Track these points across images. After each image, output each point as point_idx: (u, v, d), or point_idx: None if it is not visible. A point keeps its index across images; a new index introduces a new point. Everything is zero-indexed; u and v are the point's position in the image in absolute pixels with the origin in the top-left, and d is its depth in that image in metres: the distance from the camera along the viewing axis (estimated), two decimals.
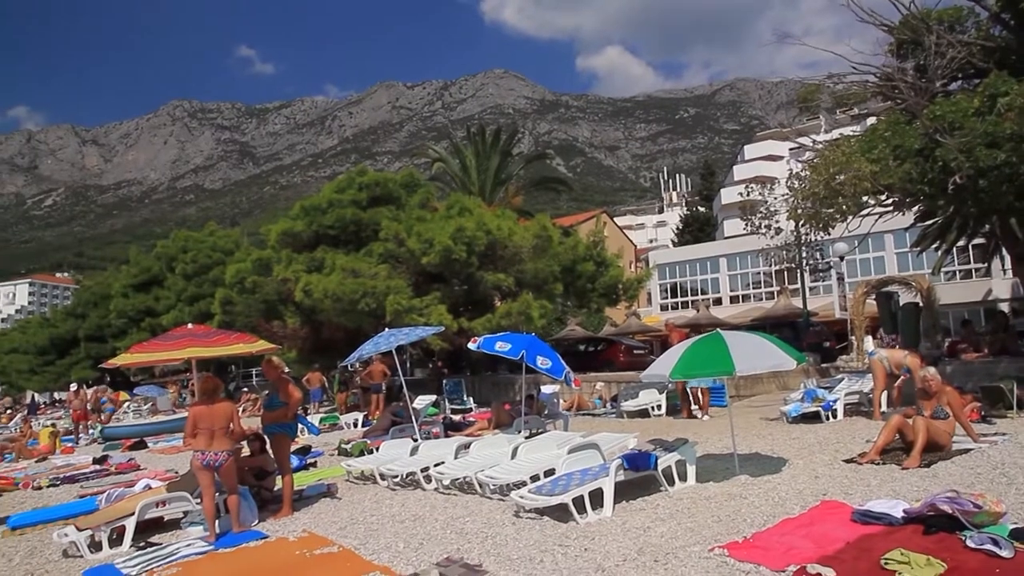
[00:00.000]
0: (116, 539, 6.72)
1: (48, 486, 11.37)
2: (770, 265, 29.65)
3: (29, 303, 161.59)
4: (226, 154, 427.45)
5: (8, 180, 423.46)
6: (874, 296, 18.79)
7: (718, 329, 7.80)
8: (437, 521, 6.65)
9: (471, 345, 11.97)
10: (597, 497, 6.35)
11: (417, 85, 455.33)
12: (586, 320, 31.50)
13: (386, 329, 13.08)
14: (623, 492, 6.72)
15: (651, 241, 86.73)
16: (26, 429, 20.66)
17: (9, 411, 31.08)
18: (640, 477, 6.93)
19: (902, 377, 10.82)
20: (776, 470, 7.56)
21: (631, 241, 62.23)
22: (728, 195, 53.66)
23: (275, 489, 7.98)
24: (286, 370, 10.62)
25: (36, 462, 14.93)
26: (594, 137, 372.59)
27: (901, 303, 18.00)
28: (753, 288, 37.04)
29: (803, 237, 18.66)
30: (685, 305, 37.81)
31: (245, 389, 32.31)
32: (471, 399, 19.89)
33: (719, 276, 37.93)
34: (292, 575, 5.30)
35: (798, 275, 24.93)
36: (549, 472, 7.41)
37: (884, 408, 10.98)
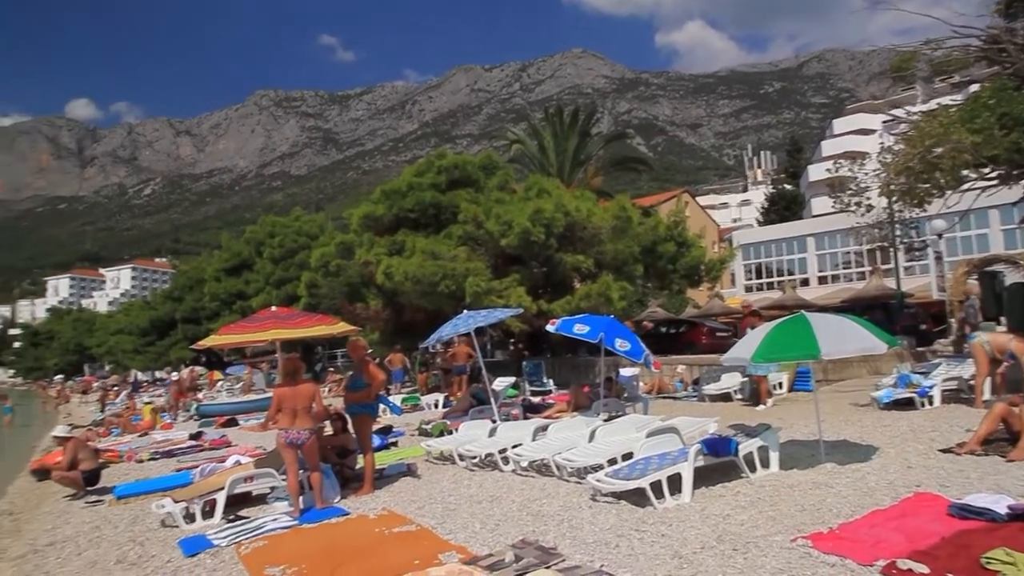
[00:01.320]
0: (208, 511, 7.03)
1: (148, 459, 12.04)
2: (861, 244, 28.39)
3: (132, 287, 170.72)
4: (310, 141, 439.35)
5: (112, 171, 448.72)
6: (976, 276, 17.75)
7: (802, 311, 7.49)
8: (514, 503, 6.67)
9: (549, 327, 11.92)
10: (675, 482, 6.23)
11: (495, 67, 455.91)
12: (667, 302, 31.02)
13: (464, 311, 13.19)
14: (702, 478, 6.57)
15: (735, 221, 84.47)
16: (131, 405, 21.88)
17: (115, 388, 32.98)
18: (720, 463, 6.76)
19: (1006, 363, 10.18)
20: (865, 458, 7.24)
21: (714, 221, 60.78)
22: (816, 172, 51.64)
23: (357, 468, 8.19)
24: (369, 351, 10.84)
25: (139, 437, 15.83)
26: (675, 115, 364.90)
27: (1007, 283, 16.93)
28: (843, 268, 35.63)
29: (896, 214, 17.76)
30: (770, 286, 36.73)
31: (331, 369, 33.30)
32: (551, 381, 19.88)
33: (807, 256, 36.63)
34: (370, 552, 5.40)
35: (891, 254, 23.79)
36: (627, 456, 7.32)
37: (987, 396, 10.36)
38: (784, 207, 56.61)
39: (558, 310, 18.52)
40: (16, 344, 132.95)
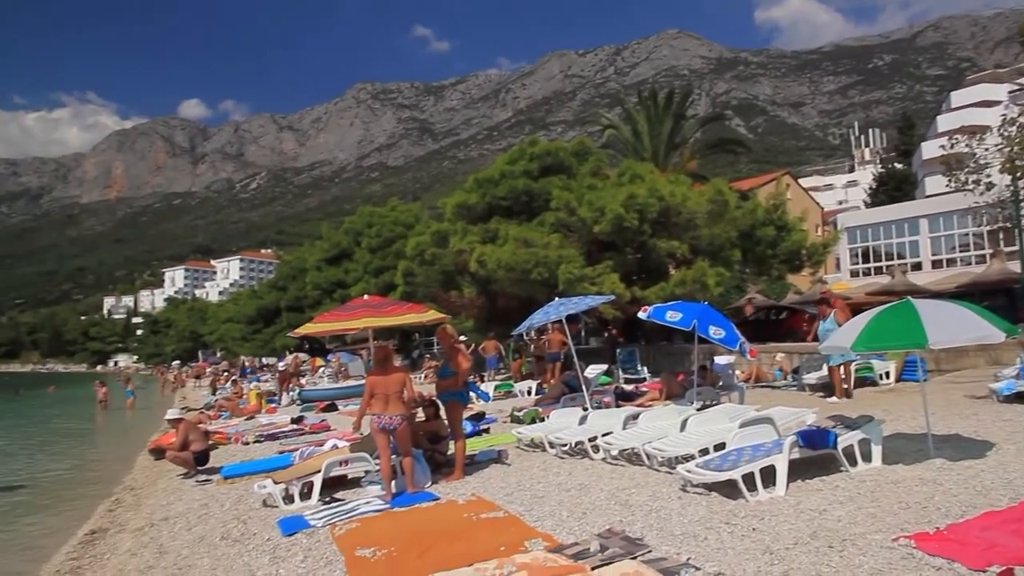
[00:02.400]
0: (306, 493, 7.31)
1: (254, 442, 12.65)
2: (980, 225, 26.56)
3: (240, 277, 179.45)
4: (407, 132, 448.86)
5: (220, 167, 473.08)
6: None
7: (909, 297, 7.07)
8: (602, 491, 6.62)
9: (641, 315, 11.73)
10: (769, 475, 6.01)
11: (589, 52, 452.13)
12: (767, 288, 30.01)
13: (556, 298, 13.16)
14: (798, 471, 6.32)
15: (840, 203, 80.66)
16: (238, 390, 23.02)
17: (225, 374, 34.76)
18: (818, 456, 6.49)
19: None
20: (980, 455, 6.78)
21: (817, 203, 58.21)
22: (930, 149, 48.48)
23: (448, 453, 8.32)
24: (460, 339, 10.98)
25: (245, 420, 16.64)
26: (776, 94, 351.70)
27: None
28: (960, 251, 33.43)
29: (1021, 192, 16.51)
30: (878, 271, 34.89)
31: (427, 356, 33.99)
32: (645, 368, 19.61)
33: (919, 239, 34.58)
34: (458, 537, 5.47)
35: (1015, 235, 22.15)
36: (719, 446, 7.13)
37: None
38: (894, 187, 53.63)
39: (652, 297, 18.24)
40: (138, 332, 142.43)
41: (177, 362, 68.08)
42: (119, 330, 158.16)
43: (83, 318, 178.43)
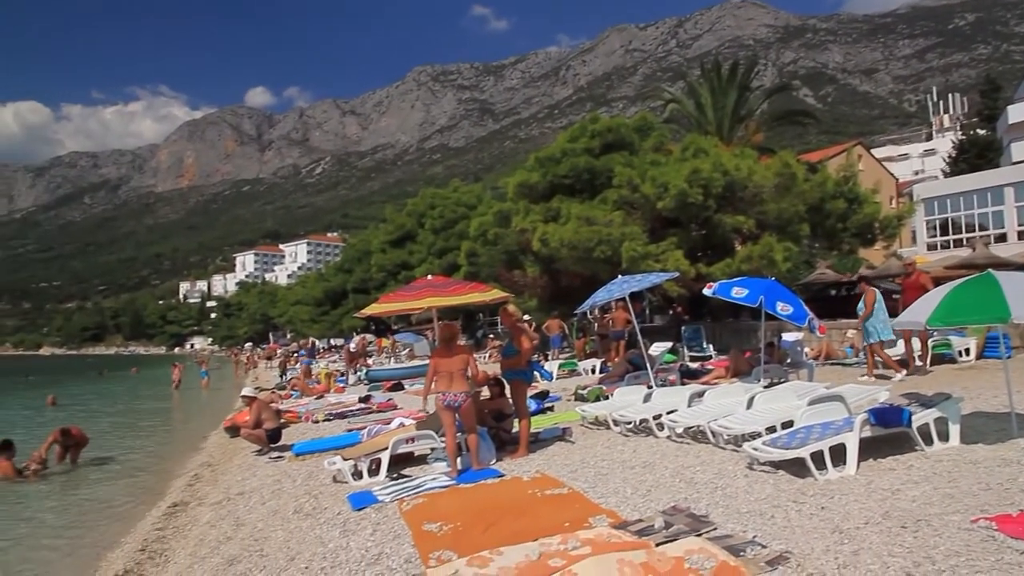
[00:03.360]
0: (374, 469, 7.50)
1: (323, 420, 13.02)
2: None
3: (308, 260, 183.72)
4: (467, 113, 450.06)
5: (286, 153, 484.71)
6: None
7: (990, 269, 6.76)
8: (667, 469, 6.59)
9: (706, 291, 11.56)
10: (839, 454, 5.87)
11: (650, 25, 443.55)
12: (838, 263, 29.10)
13: (620, 276, 13.08)
14: (870, 450, 6.15)
15: (916, 173, 77.39)
16: (307, 370, 23.68)
17: (295, 355, 35.78)
18: (891, 434, 6.29)
19: None
20: None
21: (891, 174, 56.04)
22: (1018, 112, 45.87)
23: (512, 431, 8.40)
24: (523, 318, 11.03)
25: (315, 399, 17.11)
26: (847, 61, 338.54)
27: None
28: None
29: None
30: (958, 243, 33.39)
31: (491, 336, 34.23)
32: (710, 346, 19.32)
33: (1003, 209, 32.87)
34: (523, 513, 5.53)
35: None
36: (787, 424, 6.99)
37: None
38: (976, 155, 51.09)
39: (718, 273, 17.91)
40: (212, 315, 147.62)
41: (249, 344, 70.45)
42: (194, 314, 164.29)
43: (161, 303, 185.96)
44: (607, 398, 11.02)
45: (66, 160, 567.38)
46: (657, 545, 4.47)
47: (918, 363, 12.46)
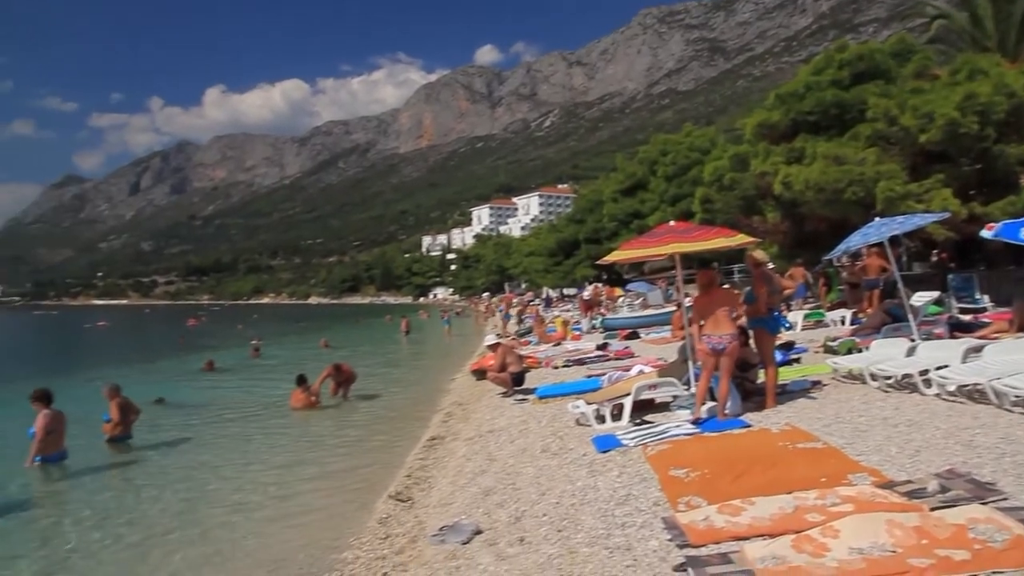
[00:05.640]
0: (616, 415, 7.61)
1: (562, 366, 13.46)
2: None
3: (540, 212, 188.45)
4: (696, 54, 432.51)
5: (516, 108, 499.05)
6: None
7: None
8: (938, 429, 5.96)
9: (985, 233, 10.18)
10: None
11: None
12: None
13: (876, 218, 11.94)
14: None
15: None
16: (543, 318, 24.53)
17: (532, 303, 37.19)
18: None
19: None
20: None
21: None
22: None
23: (758, 382, 8.08)
24: (768, 264, 10.49)
25: (553, 346, 17.69)
26: None
27: None
28: None
29: None
30: None
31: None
32: (985, 297, 17.09)
33: None
34: (773, 464, 5.31)
35: None
36: None
37: None
38: None
39: (997, 213, 15.75)
40: (452, 267, 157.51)
41: (487, 293, 74.28)
42: (436, 266, 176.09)
43: (406, 256, 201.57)
44: (860, 351, 10.21)
45: (323, 129, 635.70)
46: (932, 510, 4.07)
47: None
